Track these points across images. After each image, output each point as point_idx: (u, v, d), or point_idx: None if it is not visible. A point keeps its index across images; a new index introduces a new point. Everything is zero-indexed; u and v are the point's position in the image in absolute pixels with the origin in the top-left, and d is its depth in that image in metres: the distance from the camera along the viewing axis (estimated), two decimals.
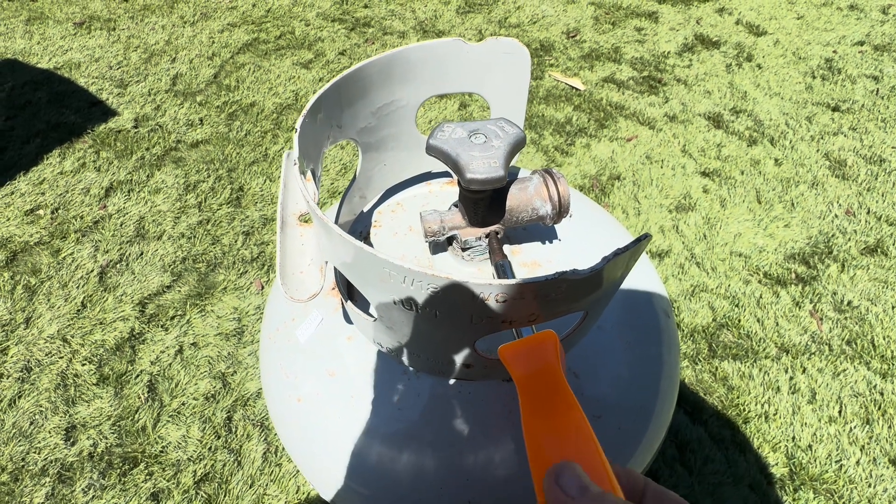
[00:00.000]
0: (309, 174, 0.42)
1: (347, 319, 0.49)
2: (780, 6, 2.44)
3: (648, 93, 1.89)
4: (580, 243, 0.53)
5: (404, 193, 0.60)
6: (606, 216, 0.62)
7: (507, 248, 0.52)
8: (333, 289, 0.52)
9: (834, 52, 2.12)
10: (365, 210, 0.59)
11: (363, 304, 0.48)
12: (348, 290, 0.49)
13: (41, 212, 1.43)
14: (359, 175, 0.53)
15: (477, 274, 0.49)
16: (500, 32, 2.21)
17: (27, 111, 1.73)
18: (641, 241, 0.29)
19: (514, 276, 0.42)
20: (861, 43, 2.17)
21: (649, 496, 0.25)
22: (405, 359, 0.42)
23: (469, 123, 0.41)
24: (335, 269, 0.46)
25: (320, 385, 0.48)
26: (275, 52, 2.05)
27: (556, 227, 0.54)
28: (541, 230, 0.54)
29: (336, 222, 0.52)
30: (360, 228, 0.57)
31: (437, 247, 0.51)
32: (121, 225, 1.40)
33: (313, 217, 0.34)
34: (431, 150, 0.40)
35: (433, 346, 0.37)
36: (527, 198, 0.45)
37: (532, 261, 0.51)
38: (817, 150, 1.64)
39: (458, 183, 0.41)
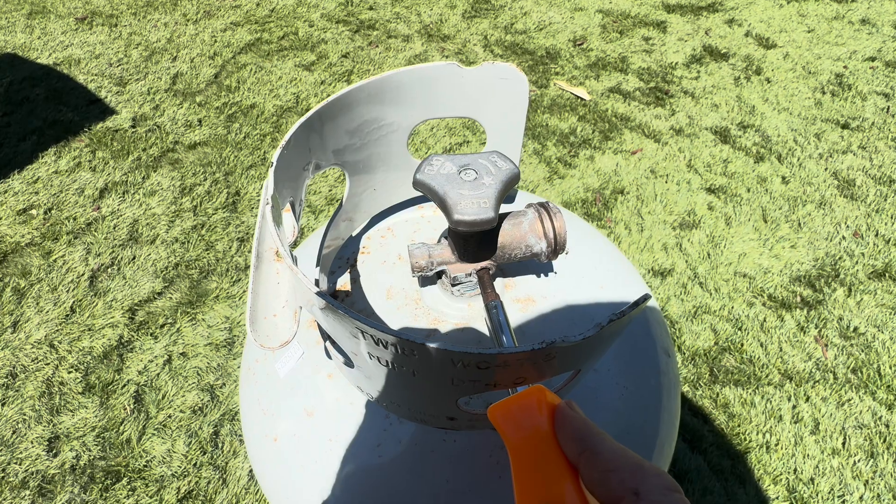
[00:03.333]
0: (287, 206, 0.39)
1: (329, 355, 0.47)
2: (791, 19, 2.40)
3: (655, 104, 1.85)
4: (578, 277, 0.51)
5: (395, 218, 0.57)
6: (606, 245, 0.59)
7: (500, 282, 0.49)
8: (314, 321, 0.49)
9: (844, 67, 2.08)
10: (353, 234, 0.56)
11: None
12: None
13: (34, 212, 1.41)
14: (346, 200, 0.50)
15: (466, 310, 0.47)
16: (506, 38, 2.18)
17: (24, 108, 1.71)
18: (639, 304, 0.26)
19: (507, 321, 0.39)
20: (872, 59, 2.13)
21: None
22: (385, 406, 0.40)
23: (460, 157, 0.38)
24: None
25: (298, 425, 0.45)
26: (277, 52, 2.03)
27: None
28: (536, 263, 0.51)
29: (321, 248, 0.50)
30: (347, 255, 0.54)
31: (426, 280, 0.49)
32: (114, 227, 1.38)
33: (284, 262, 0.32)
34: (418, 186, 0.37)
35: (413, 400, 0.35)
36: (520, 234, 0.42)
37: (526, 296, 0.49)
38: (825, 169, 1.61)
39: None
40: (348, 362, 0.36)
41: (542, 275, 0.50)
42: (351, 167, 0.49)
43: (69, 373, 1.10)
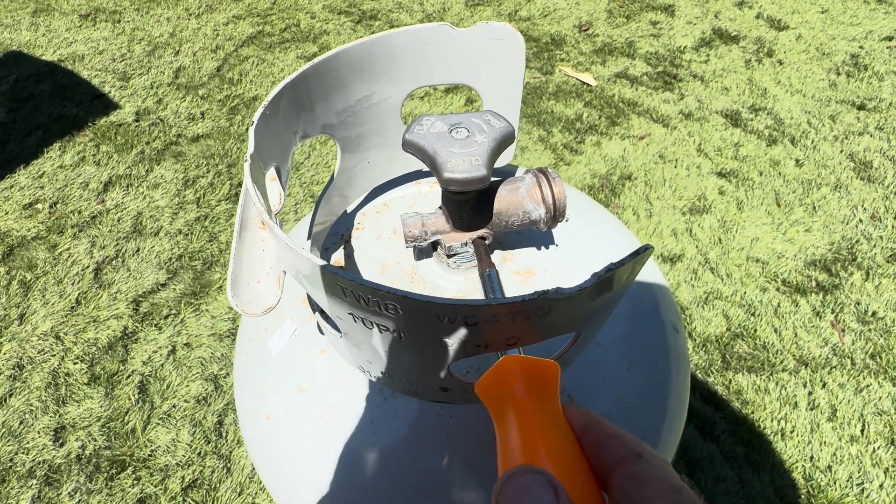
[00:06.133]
0: (273, 173, 0.38)
1: (321, 330, 0.45)
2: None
3: (663, 89, 1.81)
4: (579, 249, 0.48)
5: (391, 193, 0.56)
6: (610, 218, 0.57)
7: (498, 254, 0.47)
8: (302, 303, 0.47)
9: (860, 47, 2.02)
10: (349, 210, 0.55)
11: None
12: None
13: (39, 206, 1.42)
14: (337, 174, 0.49)
15: (463, 283, 0.45)
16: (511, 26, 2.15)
17: (30, 104, 1.72)
18: (640, 253, 0.24)
19: (500, 287, 0.37)
20: (890, 38, 2.06)
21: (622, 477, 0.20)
22: (378, 378, 0.38)
23: (451, 116, 0.36)
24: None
25: (290, 401, 0.44)
26: (279, 45, 2.02)
27: (554, 231, 0.49)
28: (536, 234, 0.49)
29: (312, 224, 0.48)
30: (341, 231, 0.52)
31: (422, 252, 0.47)
32: (118, 220, 1.38)
33: (267, 226, 0.30)
34: (407, 146, 0.35)
35: (404, 369, 0.33)
36: (517, 200, 0.40)
37: (525, 269, 0.47)
38: (841, 151, 1.56)
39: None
40: (337, 329, 0.35)
41: (542, 247, 0.48)
42: (343, 140, 0.48)
43: (75, 364, 1.10)
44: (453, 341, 0.26)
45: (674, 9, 2.25)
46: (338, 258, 0.50)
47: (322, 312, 0.39)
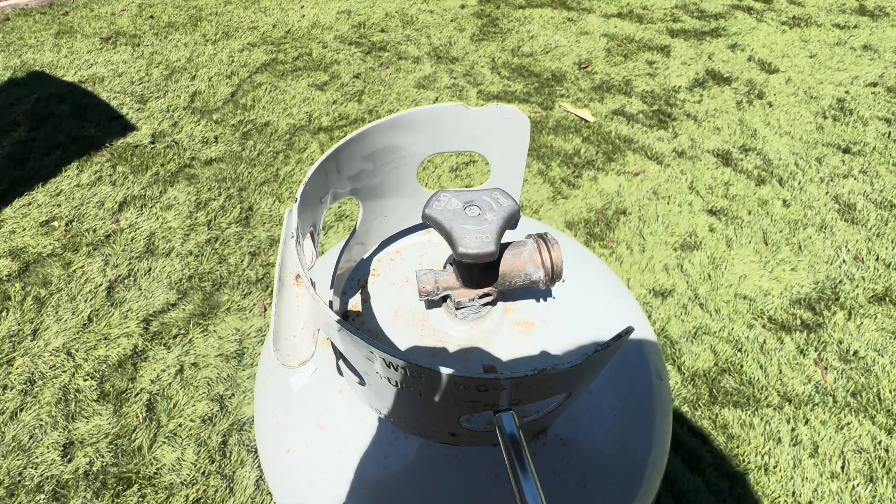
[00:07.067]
0: (308, 235, 0.43)
1: (340, 372, 0.50)
2: (794, 44, 2.45)
3: (657, 127, 1.90)
4: (575, 302, 0.54)
5: (404, 241, 0.61)
6: (604, 270, 0.62)
7: (501, 306, 0.53)
8: (327, 339, 0.52)
9: (846, 92, 2.12)
10: (365, 257, 0.60)
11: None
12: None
13: (56, 223, 1.47)
14: (359, 226, 0.54)
15: (469, 332, 0.50)
16: (514, 61, 2.24)
17: (50, 123, 1.79)
18: (622, 337, 0.29)
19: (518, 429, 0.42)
20: (874, 84, 2.17)
21: None
22: (392, 421, 0.43)
23: (465, 193, 0.42)
24: None
25: (310, 437, 0.48)
26: (291, 72, 2.10)
27: None
28: (536, 289, 0.54)
29: (335, 270, 0.53)
30: (358, 276, 0.58)
31: (432, 303, 0.52)
32: (131, 240, 1.43)
33: (306, 289, 0.35)
34: (427, 220, 0.41)
35: (418, 417, 0.38)
36: (520, 263, 0.45)
37: (525, 320, 0.52)
38: (826, 193, 1.64)
39: None
40: (361, 381, 0.40)
41: (541, 299, 0.53)
42: (364, 194, 0.53)
43: (85, 380, 1.14)
44: (466, 401, 0.31)
45: (669, 49, 2.35)
46: (355, 303, 0.55)
47: (345, 359, 0.44)
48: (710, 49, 2.38)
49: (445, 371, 0.27)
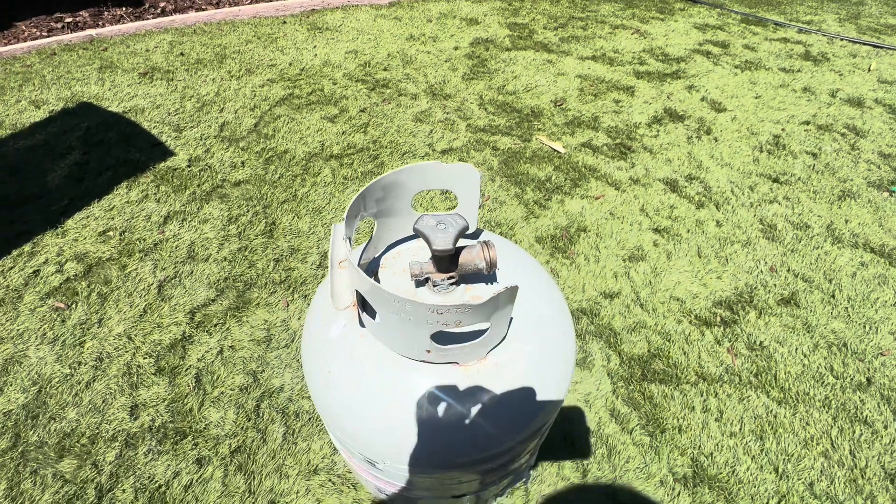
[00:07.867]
0: (346, 239, 0.74)
1: (361, 324, 0.80)
2: (743, 86, 2.82)
3: (618, 158, 2.23)
4: (510, 281, 0.84)
5: (402, 246, 0.92)
6: (534, 265, 0.93)
7: (462, 287, 0.83)
8: (354, 306, 0.82)
9: (782, 129, 2.47)
10: (377, 256, 0.90)
11: (370, 313, 0.79)
12: (363, 305, 0.80)
13: (111, 233, 1.77)
14: (374, 236, 0.85)
15: (441, 300, 0.80)
16: (499, 98, 2.59)
17: (100, 148, 2.10)
18: (511, 289, 0.60)
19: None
20: (807, 122, 2.52)
21: None
22: (394, 344, 0.73)
23: (438, 215, 0.73)
24: (357, 292, 0.77)
25: (343, 364, 0.78)
26: (306, 106, 2.43)
27: (497, 272, 0.85)
28: (484, 275, 0.85)
29: (358, 263, 0.84)
30: (373, 268, 0.88)
31: (419, 283, 0.82)
32: (175, 248, 1.72)
33: (349, 265, 0.66)
34: (416, 231, 0.71)
35: (409, 337, 0.68)
36: (471, 257, 0.76)
37: (477, 294, 0.82)
38: (754, 215, 1.96)
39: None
40: (373, 316, 0.70)
41: (489, 283, 0.84)
42: (379, 215, 0.84)
43: (144, 359, 1.42)
44: (433, 322, 0.61)
45: (634, 90, 2.71)
46: None
47: (364, 306, 0.74)
48: (670, 90, 2.74)
49: (418, 300, 0.58)
